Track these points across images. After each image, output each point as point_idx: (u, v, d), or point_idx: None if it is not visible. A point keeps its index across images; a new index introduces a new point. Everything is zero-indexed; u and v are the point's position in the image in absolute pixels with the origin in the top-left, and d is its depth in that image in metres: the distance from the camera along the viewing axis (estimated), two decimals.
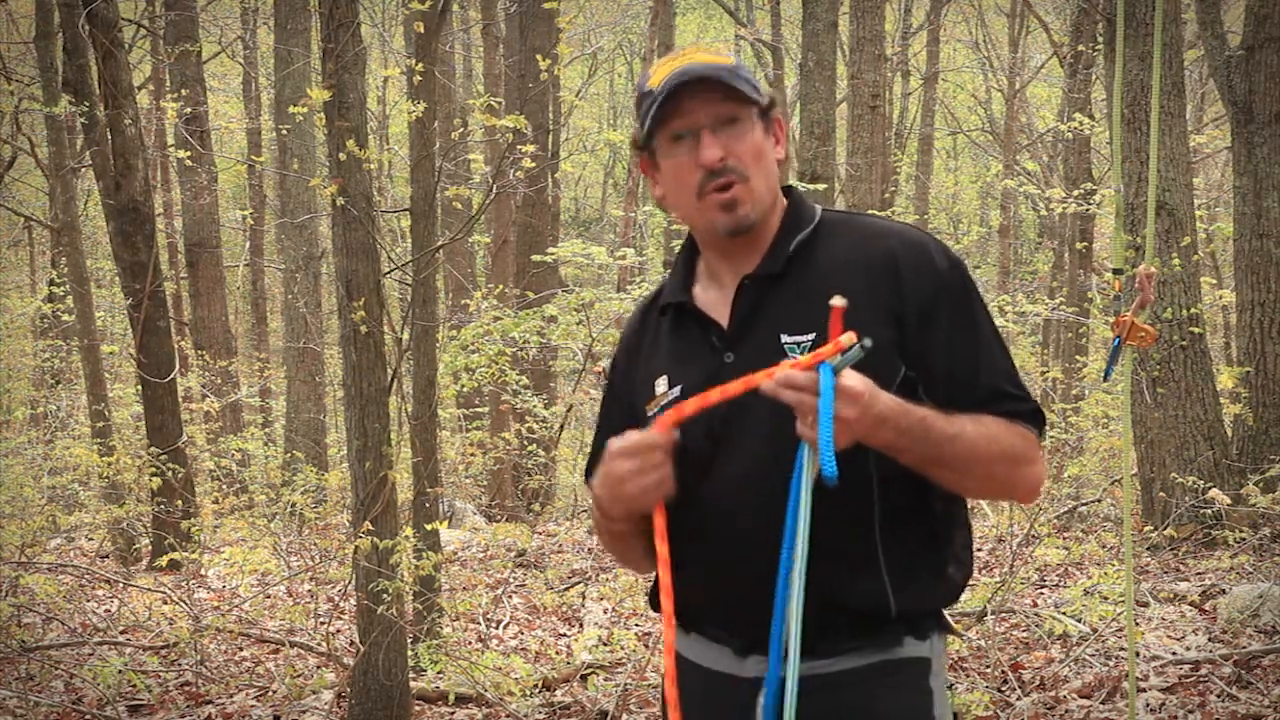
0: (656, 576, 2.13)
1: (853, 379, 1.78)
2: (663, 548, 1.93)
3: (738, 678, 1.96)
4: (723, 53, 2.01)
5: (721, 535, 1.94)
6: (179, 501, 9.11)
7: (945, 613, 2.04)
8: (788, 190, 2.09)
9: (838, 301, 1.80)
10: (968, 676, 5.66)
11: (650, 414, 2.03)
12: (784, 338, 1.93)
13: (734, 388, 1.86)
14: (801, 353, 1.89)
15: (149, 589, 7.51)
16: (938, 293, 1.95)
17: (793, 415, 1.82)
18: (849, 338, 1.78)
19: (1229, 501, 7.79)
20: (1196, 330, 8.32)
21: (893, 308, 1.93)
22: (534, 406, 11.08)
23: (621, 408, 2.13)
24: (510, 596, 8.04)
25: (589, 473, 2.20)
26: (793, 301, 1.96)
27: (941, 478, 1.92)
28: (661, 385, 2.04)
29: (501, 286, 11.53)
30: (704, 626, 1.98)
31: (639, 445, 1.90)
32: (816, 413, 1.76)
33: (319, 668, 6.34)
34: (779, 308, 1.97)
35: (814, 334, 1.88)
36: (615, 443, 1.91)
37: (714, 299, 2.04)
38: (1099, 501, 9.71)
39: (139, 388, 10.12)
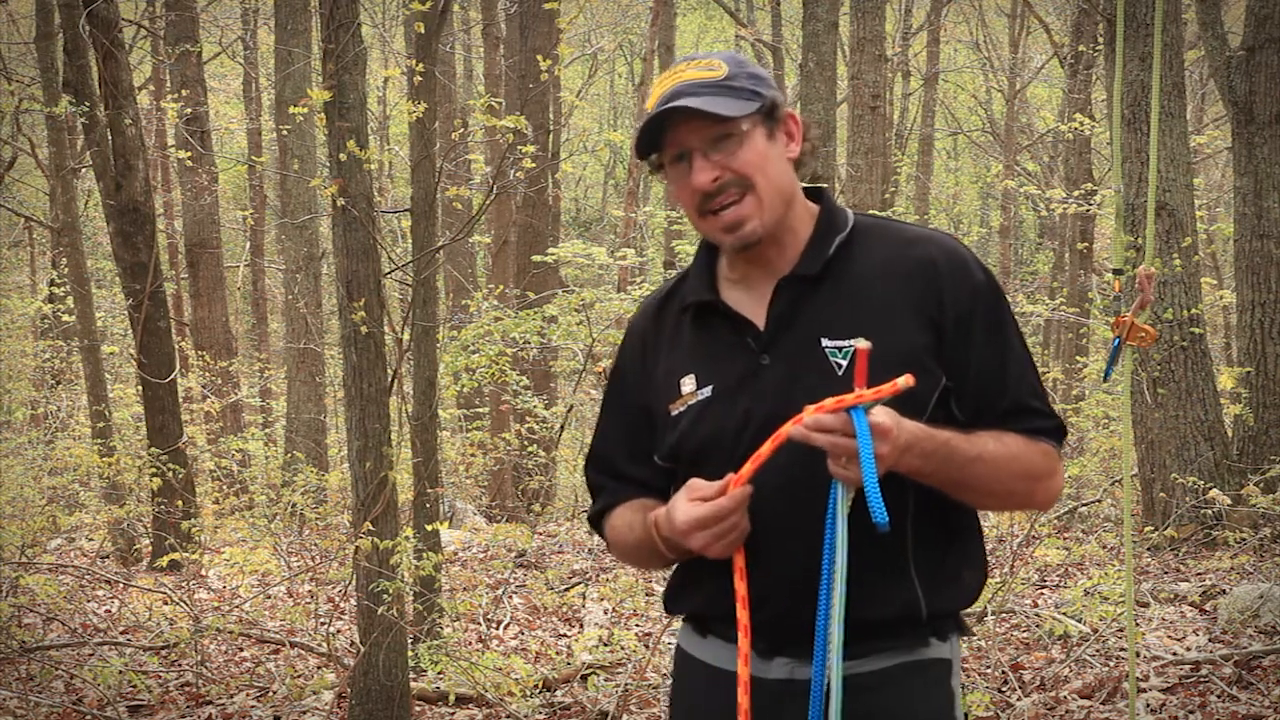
0: (671, 582, 2.13)
1: (880, 414, 1.79)
2: (741, 585, 1.92)
3: (762, 679, 1.95)
4: (716, 64, 1.97)
5: (756, 539, 1.93)
6: (179, 502, 9.10)
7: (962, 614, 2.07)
8: (818, 193, 2.07)
9: (862, 344, 1.80)
10: (968, 676, 5.66)
11: (675, 413, 2.02)
12: (825, 342, 1.93)
13: (764, 449, 1.85)
14: (843, 357, 1.90)
15: (149, 589, 7.50)
16: (975, 304, 1.95)
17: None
18: (894, 386, 1.78)
19: (1229, 502, 7.79)
20: (1197, 331, 8.32)
21: (932, 316, 1.93)
22: (534, 407, 11.07)
23: (633, 404, 2.11)
24: (510, 597, 8.03)
25: (590, 464, 2.20)
26: (832, 305, 1.95)
27: (963, 496, 1.94)
28: (688, 384, 2.01)
29: (502, 287, 11.52)
30: (727, 629, 1.97)
31: (716, 515, 1.87)
32: (850, 454, 1.78)
33: (319, 668, 6.34)
34: (818, 311, 1.95)
35: (856, 338, 1.85)
36: (685, 514, 1.88)
37: (744, 299, 2.01)
38: (1099, 502, 9.71)
39: (139, 388, 10.11)
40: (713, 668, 2.01)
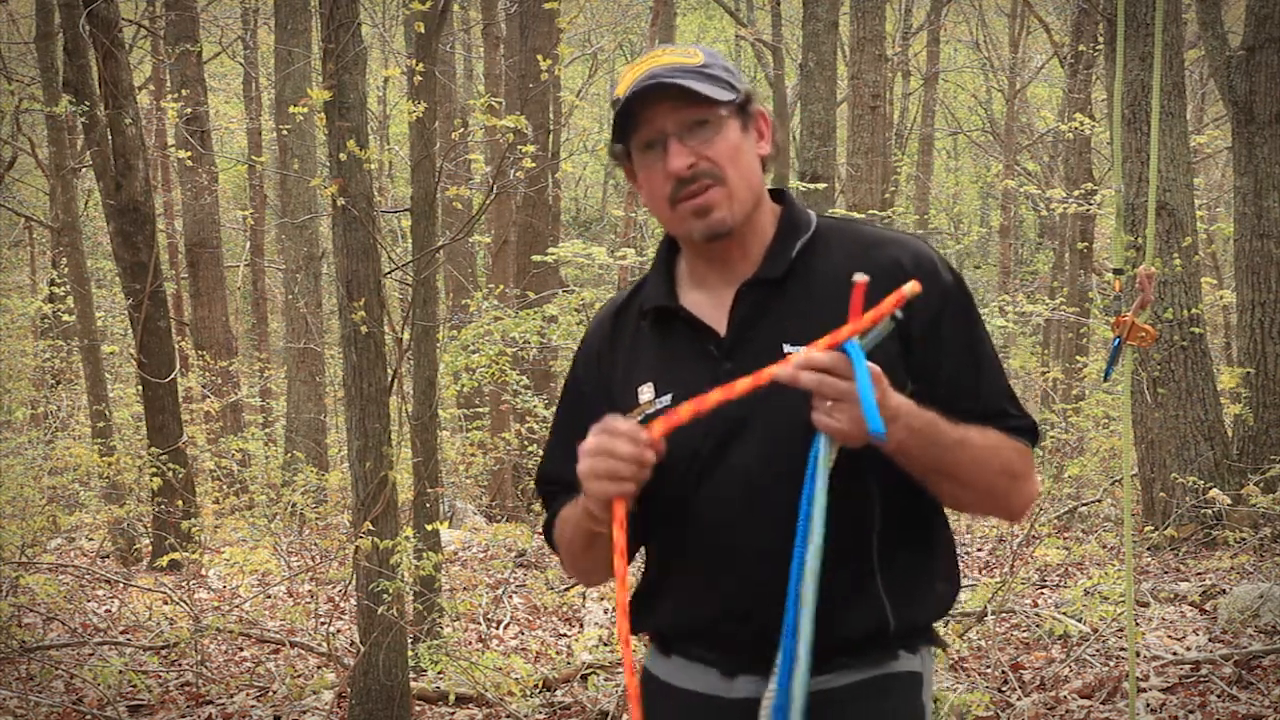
0: (631, 600, 2.03)
1: (870, 364, 1.74)
2: (620, 535, 1.82)
3: (725, 699, 1.90)
4: (692, 52, 1.92)
5: (716, 553, 1.88)
6: (179, 501, 9.10)
7: (936, 627, 2.03)
8: (780, 194, 2.02)
9: (860, 277, 1.74)
10: (968, 676, 5.67)
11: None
12: (787, 347, 1.86)
13: (742, 385, 1.78)
14: None
15: (149, 589, 7.51)
16: (944, 307, 1.91)
17: (793, 428, 1.78)
18: (899, 296, 1.72)
19: (1229, 501, 7.80)
20: (1197, 330, 8.33)
21: (900, 320, 1.87)
22: (534, 406, 11.07)
23: (590, 416, 2.00)
24: (510, 597, 8.04)
25: (541, 480, 2.12)
26: (795, 310, 1.90)
27: (942, 487, 1.89)
28: (646, 392, 1.95)
29: (502, 286, 11.51)
30: (687, 647, 1.92)
31: (616, 429, 1.80)
32: (839, 394, 1.70)
33: (319, 668, 6.34)
34: (781, 316, 1.90)
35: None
36: (593, 432, 1.82)
37: (705, 303, 1.96)
38: (1099, 501, 9.71)
39: (139, 388, 10.12)
40: (677, 688, 1.96)
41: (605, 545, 1.86)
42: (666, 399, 1.92)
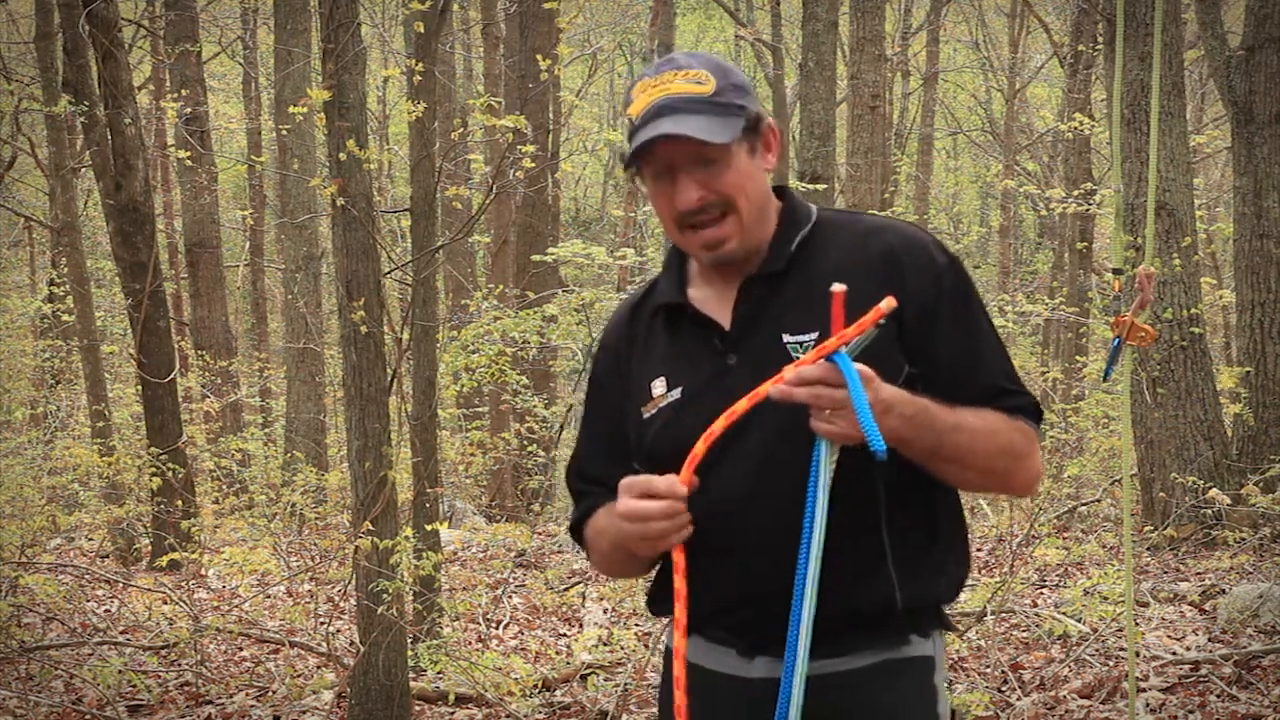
0: (654, 584, 2.12)
1: (859, 366, 1.79)
2: (679, 556, 1.92)
3: (744, 679, 1.96)
4: (704, 76, 1.94)
5: (730, 538, 1.93)
6: (179, 501, 9.10)
7: (946, 610, 2.06)
8: (780, 190, 2.07)
9: (838, 287, 1.79)
10: (968, 676, 5.67)
11: (647, 416, 2.02)
12: (786, 338, 1.92)
13: (741, 406, 1.84)
14: (804, 351, 1.88)
15: (149, 589, 7.50)
16: (939, 289, 1.95)
17: (800, 415, 1.82)
18: (877, 312, 1.77)
19: (1229, 501, 7.80)
20: (1196, 330, 8.32)
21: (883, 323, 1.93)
22: (534, 406, 11.08)
23: (611, 411, 2.11)
24: (510, 596, 8.04)
25: (571, 473, 2.19)
26: (794, 301, 1.95)
27: (942, 470, 1.93)
28: (659, 387, 2.02)
29: (501, 286, 11.51)
30: (706, 629, 1.98)
31: (649, 489, 1.88)
32: (835, 404, 1.77)
33: (319, 668, 6.34)
34: (781, 308, 1.96)
35: (816, 333, 1.88)
36: (626, 505, 1.89)
37: (711, 299, 2.02)
38: (1099, 501, 9.70)
39: (139, 388, 10.11)
40: (698, 667, 2.01)
41: (635, 555, 2.01)
42: (677, 393, 1.99)
